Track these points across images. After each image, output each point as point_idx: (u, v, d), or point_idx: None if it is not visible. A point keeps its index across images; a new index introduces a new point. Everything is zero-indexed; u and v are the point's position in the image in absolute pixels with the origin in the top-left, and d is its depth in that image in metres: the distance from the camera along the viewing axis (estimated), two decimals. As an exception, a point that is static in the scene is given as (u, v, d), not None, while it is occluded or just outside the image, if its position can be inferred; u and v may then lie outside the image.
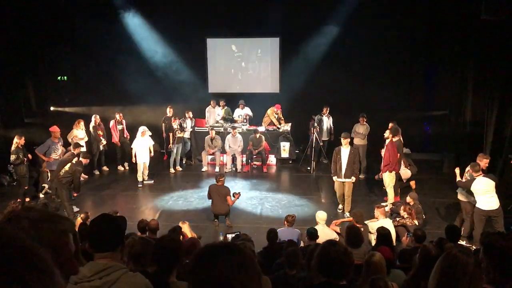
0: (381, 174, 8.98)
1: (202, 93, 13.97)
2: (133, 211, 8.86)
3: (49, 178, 9.48)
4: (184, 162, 12.32)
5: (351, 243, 4.66)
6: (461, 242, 6.64)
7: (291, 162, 12.26)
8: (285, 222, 6.59)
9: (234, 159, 11.69)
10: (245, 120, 12.56)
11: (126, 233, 4.37)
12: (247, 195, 9.60)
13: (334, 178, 8.49)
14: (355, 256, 3.17)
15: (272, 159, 12.18)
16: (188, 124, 12.18)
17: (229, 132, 11.64)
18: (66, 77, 13.23)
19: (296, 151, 12.48)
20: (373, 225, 6.58)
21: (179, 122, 11.72)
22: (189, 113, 12.21)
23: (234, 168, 11.65)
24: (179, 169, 11.69)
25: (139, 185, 10.30)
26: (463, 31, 11.01)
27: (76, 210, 8.43)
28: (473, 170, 6.95)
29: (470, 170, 7.10)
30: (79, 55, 12.91)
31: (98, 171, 11.45)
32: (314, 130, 11.55)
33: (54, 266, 0.95)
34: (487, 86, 11.04)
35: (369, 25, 11.91)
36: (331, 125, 12.11)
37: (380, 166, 8.98)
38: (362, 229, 5.77)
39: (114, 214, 5.42)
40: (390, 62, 12.60)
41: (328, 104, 12.07)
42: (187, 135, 12.18)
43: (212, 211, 8.23)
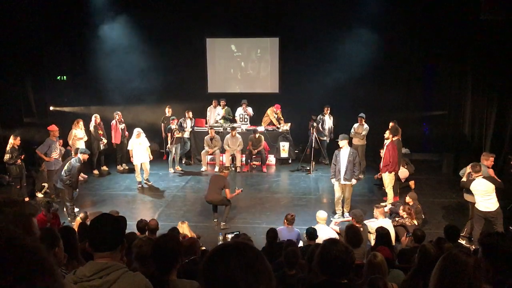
0: (380, 174, 8.98)
1: (202, 93, 13.99)
2: (133, 211, 8.87)
3: (48, 178, 9.49)
4: (184, 162, 12.34)
5: (351, 243, 4.66)
6: (461, 241, 6.65)
7: (291, 162, 12.27)
8: (285, 221, 6.59)
9: (234, 159, 11.69)
10: (246, 120, 12.56)
11: (126, 233, 4.37)
12: (247, 195, 9.61)
13: (333, 181, 8.42)
14: (355, 256, 3.17)
15: (272, 159, 12.19)
16: (188, 124, 12.19)
17: (229, 132, 11.65)
18: (66, 77, 13.22)
19: (296, 151, 12.50)
20: (373, 225, 6.58)
21: (179, 122, 11.73)
22: (189, 113, 12.22)
23: (234, 168, 11.66)
24: (179, 169, 11.70)
25: (138, 185, 10.30)
26: (463, 31, 11.03)
27: (76, 210, 8.42)
28: (473, 171, 6.95)
29: (470, 170, 7.10)
30: (78, 55, 12.92)
31: (98, 171, 11.45)
32: (314, 130, 11.56)
33: (55, 264, 0.95)
34: (486, 86, 11.06)
35: (369, 25, 11.92)
36: (332, 125, 12.12)
37: (380, 166, 8.98)
38: (362, 229, 5.77)
39: (114, 214, 5.42)
40: (390, 62, 12.62)
41: (328, 104, 12.08)
42: (187, 135, 12.19)
43: (205, 198, 8.28)
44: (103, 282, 2.04)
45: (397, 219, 7.37)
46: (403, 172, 9.43)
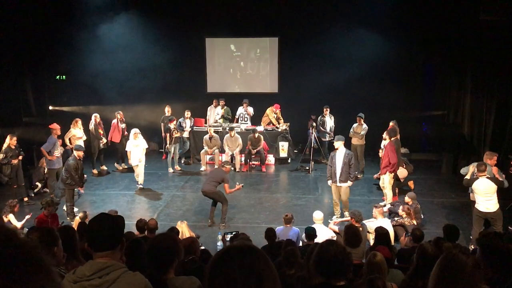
0: (379, 175, 8.98)
1: (201, 93, 13.99)
2: (132, 211, 8.87)
3: (49, 176, 9.48)
4: (183, 162, 12.33)
5: (350, 243, 4.66)
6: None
7: (290, 162, 12.27)
8: (283, 221, 6.62)
9: (233, 159, 11.69)
10: (246, 119, 12.56)
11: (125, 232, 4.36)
12: (246, 195, 9.61)
13: (329, 183, 8.42)
14: (354, 256, 3.17)
15: (271, 159, 12.19)
16: (187, 124, 12.18)
17: (228, 132, 11.65)
18: (65, 77, 13.21)
19: (295, 151, 12.50)
20: (372, 225, 6.58)
21: (179, 122, 11.71)
22: (188, 113, 12.21)
23: (233, 168, 11.65)
24: (178, 169, 11.69)
25: (137, 185, 10.29)
26: (462, 31, 11.04)
27: (75, 210, 8.42)
28: (478, 170, 6.92)
29: (475, 169, 7.08)
30: (78, 55, 12.89)
31: (97, 171, 11.45)
32: (313, 130, 11.56)
33: (51, 264, 0.95)
34: (486, 86, 11.07)
35: (368, 25, 11.93)
36: (333, 125, 12.12)
37: (380, 166, 8.97)
38: (361, 229, 5.77)
39: (113, 214, 5.41)
40: (389, 62, 12.62)
41: (328, 104, 12.09)
42: (186, 135, 12.19)
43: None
44: (103, 282, 2.04)
45: (396, 219, 7.37)
46: (402, 172, 9.44)
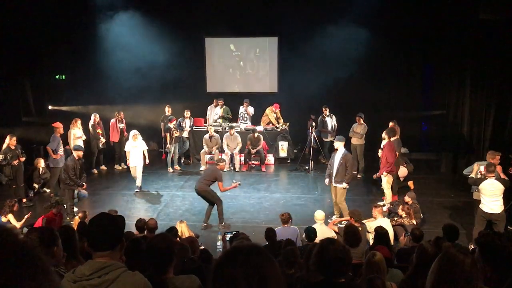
0: (379, 174, 8.98)
1: (201, 92, 13.98)
2: (132, 210, 8.88)
3: (52, 175, 9.48)
4: (183, 162, 12.33)
5: (349, 242, 4.67)
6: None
7: (289, 162, 12.28)
8: (281, 221, 6.64)
9: (233, 158, 11.70)
10: (246, 119, 12.56)
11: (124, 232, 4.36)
12: (245, 195, 9.62)
13: (326, 181, 8.43)
14: (353, 255, 3.18)
15: (270, 159, 12.19)
16: (187, 124, 12.18)
17: (227, 131, 11.65)
18: (64, 76, 13.20)
19: (294, 151, 12.50)
20: (371, 225, 6.59)
21: (178, 122, 11.71)
22: (188, 112, 12.21)
23: (233, 167, 11.66)
24: (178, 168, 11.69)
25: (136, 189, 10.24)
26: (462, 31, 11.04)
27: (75, 210, 8.42)
28: (488, 171, 6.90)
29: (484, 170, 7.05)
30: (77, 54, 12.89)
31: (97, 171, 11.45)
32: (313, 129, 11.56)
33: (49, 263, 0.96)
34: (485, 86, 11.08)
35: (368, 25, 11.91)
36: (335, 124, 12.10)
37: (379, 165, 8.97)
38: (360, 229, 5.78)
39: (113, 213, 5.42)
40: (389, 62, 12.62)
41: (327, 104, 12.08)
42: (186, 135, 12.18)
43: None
44: (102, 281, 2.05)
45: (396, 219, 7.38)
46: (402, 171, 9.44)
